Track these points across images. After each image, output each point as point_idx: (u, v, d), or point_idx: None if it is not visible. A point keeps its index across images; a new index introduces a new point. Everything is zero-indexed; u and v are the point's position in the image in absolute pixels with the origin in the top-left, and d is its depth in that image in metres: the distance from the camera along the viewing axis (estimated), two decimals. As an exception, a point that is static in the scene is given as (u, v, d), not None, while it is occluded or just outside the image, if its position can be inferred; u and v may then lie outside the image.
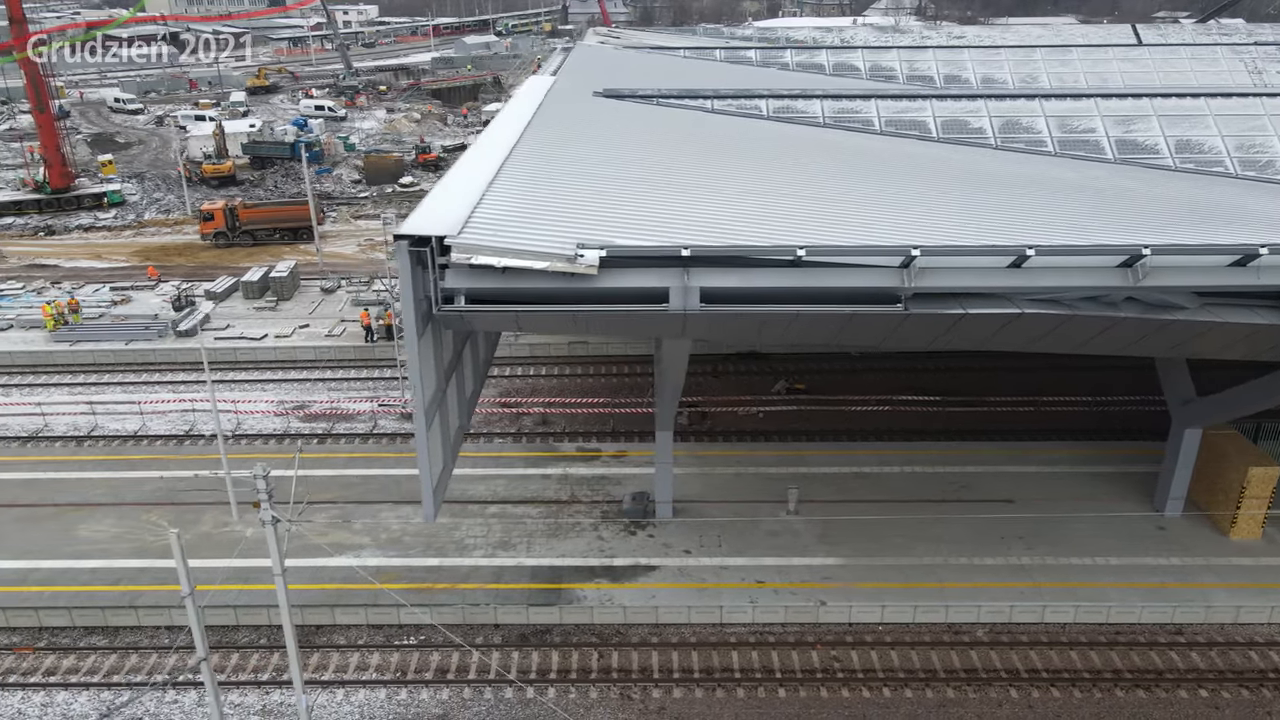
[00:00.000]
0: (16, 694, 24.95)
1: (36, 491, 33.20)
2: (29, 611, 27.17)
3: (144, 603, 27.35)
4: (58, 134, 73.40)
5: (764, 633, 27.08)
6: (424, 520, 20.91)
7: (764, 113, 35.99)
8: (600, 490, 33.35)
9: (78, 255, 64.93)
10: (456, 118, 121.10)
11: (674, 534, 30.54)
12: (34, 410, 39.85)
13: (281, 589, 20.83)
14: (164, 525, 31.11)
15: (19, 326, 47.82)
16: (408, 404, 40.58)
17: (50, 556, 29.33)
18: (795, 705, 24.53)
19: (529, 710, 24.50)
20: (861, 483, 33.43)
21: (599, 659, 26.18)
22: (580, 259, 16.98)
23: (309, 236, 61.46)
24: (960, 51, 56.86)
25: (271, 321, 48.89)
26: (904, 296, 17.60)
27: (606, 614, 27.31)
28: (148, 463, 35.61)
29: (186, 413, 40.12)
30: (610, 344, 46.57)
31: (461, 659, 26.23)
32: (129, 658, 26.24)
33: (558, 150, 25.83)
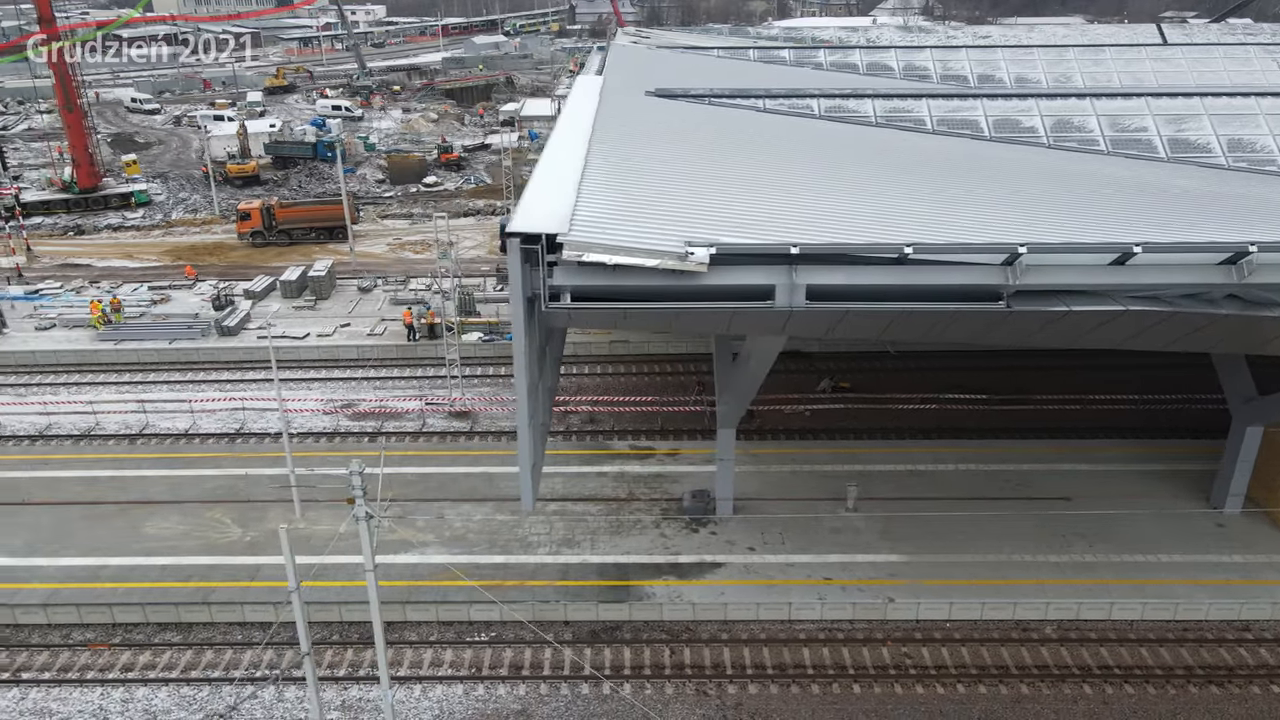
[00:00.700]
0: (95, 690, 25.11)
1: (98, 489, 33.38)
2: (102, 608, 27.34)
3: (216, 599, 27.51)
4: (86, 134, 73.54)
5: (832, 629, 27.24)
6: (524, 509, 20.99)
7: (816, 112, 36.13)
8: (658, 488, 33.51)
9: (109, 255, 65.13)
10: (473, 118, 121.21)
11: (736, 531, 30.69)
12: (86, 409, 40.05)
13: (373, 585, 21.08)
14: (228, 523, 31.44)
15: (62, 325, 48.02)
16: (455, 402, 40.81)
17: (119, 553, 29.50)
18: (870, 701, 24.69)
19: (606, 706, 24.66)
20: (918, 480, 33.57)
21: (671, 655, 26.33)
22: (690, 257, 17.14)
23: (343, 235, 61.67)
24: (993, 51, 56.88)
25: (312, 320, 49.06)
26: (1006, 294, 17.75)
27: (676, 611, 27.46)
28: (204, 461, 35.79)
29: (236, 411, 40.31)
30: (651, 342, 46.77)
31: (535, 655, 26.41)
32: (204, 653, 26.40)
33: (631, 149, 25.98)
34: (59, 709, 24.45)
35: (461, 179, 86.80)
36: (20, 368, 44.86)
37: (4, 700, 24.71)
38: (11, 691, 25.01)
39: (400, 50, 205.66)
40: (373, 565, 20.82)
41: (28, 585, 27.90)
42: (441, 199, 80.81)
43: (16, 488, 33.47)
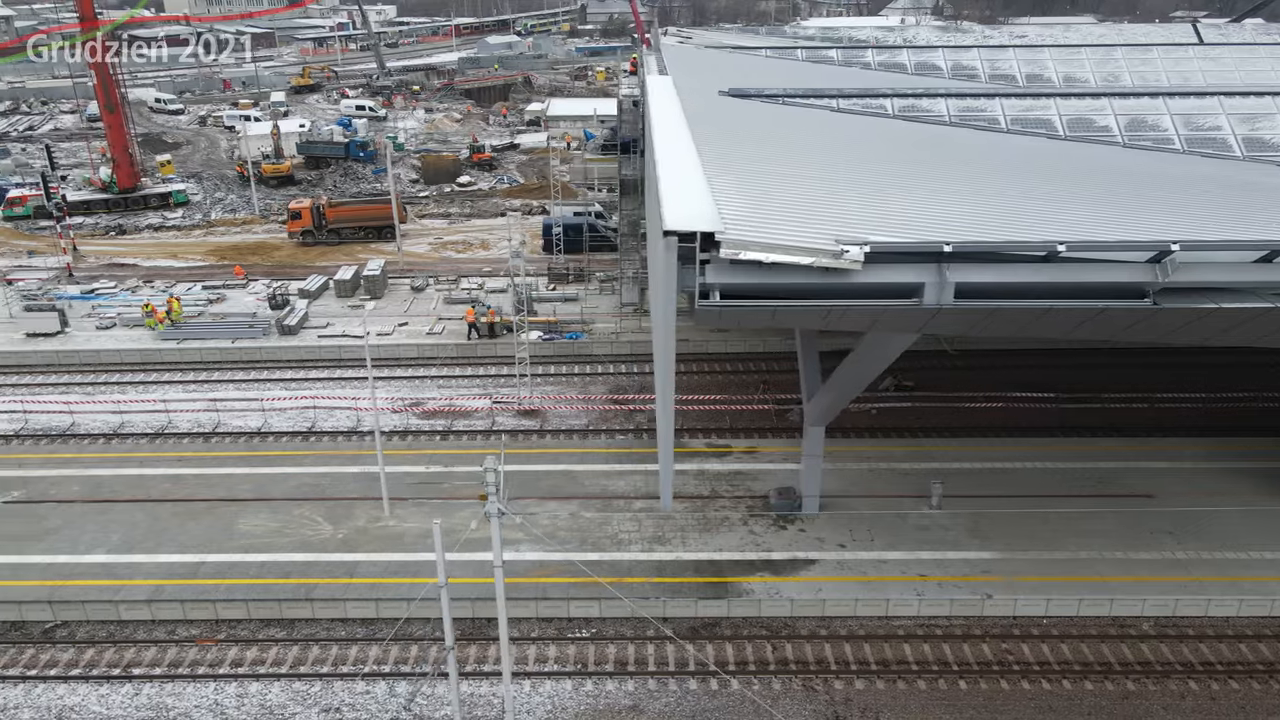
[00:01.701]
0: (209, 685, 25.32)
1: (185, 486, 33.60)
2: (206, 604, 27.56)
3: (319, 595, 27.72)
4: (126, 134, 73.80)
5: (930, 625, 27.40)
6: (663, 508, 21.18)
7: (890, 112, 36.31)
8: (740, 485, 33.69)
9: (154, 255, 65.42)
10: (497, 118, 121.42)
11: (824, 528, 30.88)
12: (158, 407, 40.30)
13: (500, 581, 21.23)
14: (318, 520, 31.66)
15: (122, 324, 48.28)
16: (523, 401, 41.01)
17: (216, 550, 29.73)
18: (978, 697, 24.86)
19: (716, 701, 24.85)
20: (997, 478, 33.71)
21: (773, 651, 26.54)
22: (845, 255, 17.32)
23: (390, 235, 61.93)
24: (1040, 50, 56.94)
25: (372, 319, 49.16)
26: (1152, 291, 17.93)
27: (774, 607, 27.64)
28: (284, 459, 36.00)
29: (305, 410, 40.51)
30: (710, 341, 46.94)
31: (638, 651, 26.62)
32: (310, 649, 26.62)
33: (736, 150, 26.18)
34: (175, 704, 24.67)
35: (494, 179, 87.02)
36: (85, 366, 45.12)
37: (119, 696, 24.93)
38: (125, 687, 25.22)
39: (414, 50, 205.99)
40: (500, 562, 20.97)
41: (131, 581, 28.13)
42: (476, 198, 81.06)
43: (100, 485, 33.70)
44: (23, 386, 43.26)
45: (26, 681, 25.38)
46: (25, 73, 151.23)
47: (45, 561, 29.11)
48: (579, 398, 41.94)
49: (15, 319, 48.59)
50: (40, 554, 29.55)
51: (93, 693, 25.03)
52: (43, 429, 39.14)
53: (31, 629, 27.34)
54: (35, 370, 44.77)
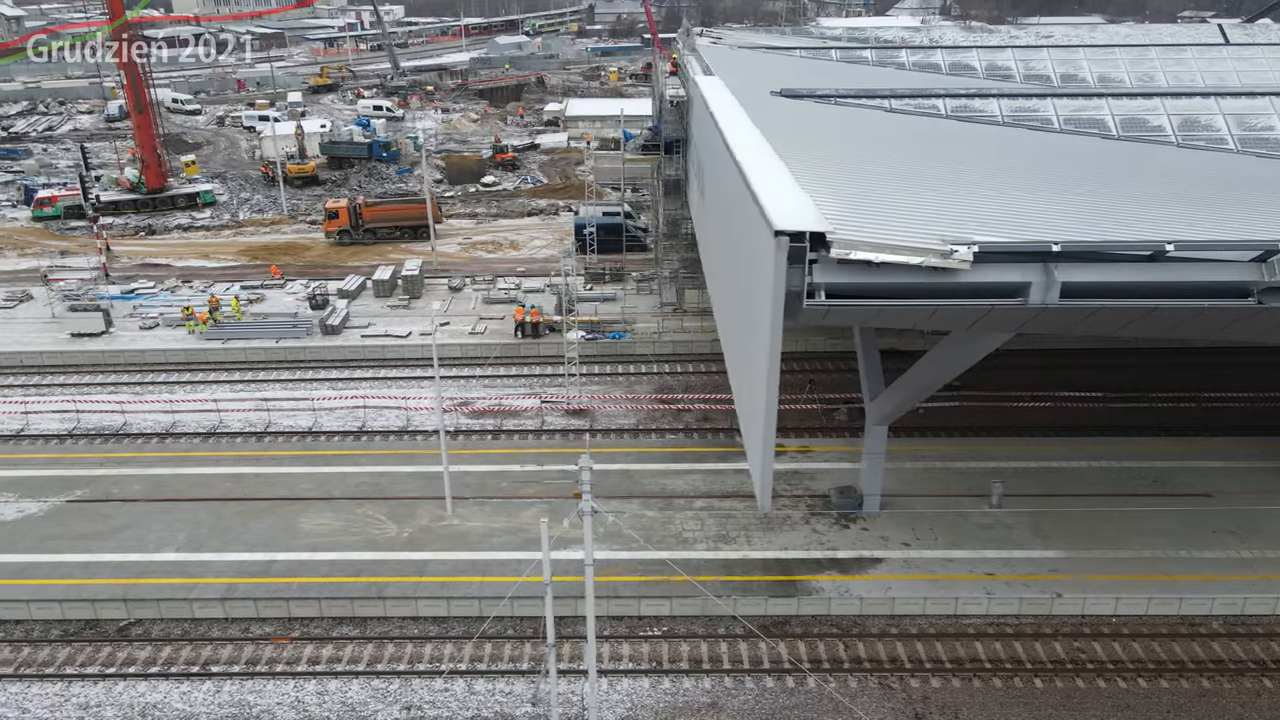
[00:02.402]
0: (289, 682, 25.46)
1: (245, 486, 33.74)
2: (279, 602, 27.70)
3: (390, 594, 27.86)
4: (154, 135, 73.99)
5: (1000, 624, 27.50)
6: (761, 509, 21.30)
7: (942, 112, 36.39)
8: (797, 484, 33.79)
9: (186, 255, 65.59)
10: (514, 118, 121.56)
11: (886, 527, 30.99)
12: (210, 406, 40.45)
13: (589, 580, 21.34)
14: (381, 519, 31.79)
15: (165, 324, 48.44)
16: (572, 400, 41.14)
17: (283, 549, 29.87)
18: (1055, 695, 24.97)
19: (794, 699, 24.98)
20: (1053, 477, 33.82)
21: (845, 649, 26.67)
22: (954, 254, 17.44)
23: (425, 235, 62.08)
24: (1074, 51, 57.03)
25: (410, 319, 49.43)
26: (1256, 290, 18.03)
27: (844, 605, 27.77)
28: (340, 458, 36.12)
29: (355, 409, 40.64)
30: (752, 341, 47.06)
31: (711, 649, 26.74)
32: (385, 647, 26.76)
33: (807, 149, 26.25)
34: (256, 701, 24.81)
35: (518, 178, 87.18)
36: (131, 366, 45.27)
37: (200, 694, 25.08)
38: (205, 685, 25.38)
39: (423, 50, 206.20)
40: (590, 560, 21.08)
41: (204, 580, 28.29)
42: (501, 199, 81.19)
43: (161, 484, 33.84)
44: (71, 386, 43.39)
45: (106, 679, 25.52)
46: (39, 73, 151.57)
47: (116, 560, 29.25)
48: (626, 397, 42.05)
49: (58, 319, 48.79)
50: (109, 552, 29.70)
51: (174, 690, 25.18)
52: (95, 428, 39.34)
53: (106, 627, 27.49)
54: (82, 370, 44.91)
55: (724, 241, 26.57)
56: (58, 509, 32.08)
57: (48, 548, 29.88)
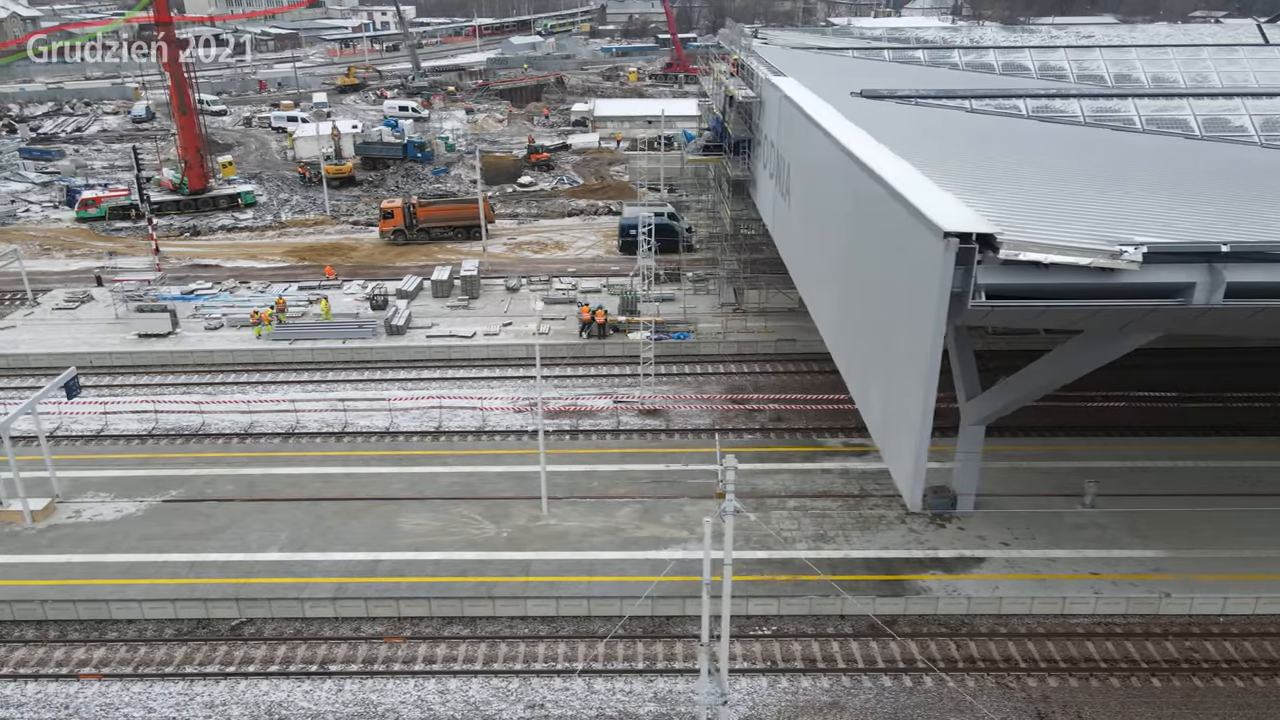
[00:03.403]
0: (409, 681, 25.57)
1: (337, 486, 33.85)
2: (389, 602, 27.83)
3: (499, 594, 27.98)
4: (198, 136, 74.14)
5: (1108, 623, 27.61)
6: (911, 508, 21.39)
7: (1024, 112, 36.50)
8: (887, 484, 33.80)
9: (233, 255, 65.73)
10: (539, 118, 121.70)
11: (982, 526, 31.09)
12: (285, 407, 40.60)
13: (727, 580, 21.42)
14: (478, 518, 31.90)
15: (229, 325, 48.58)
16: (645, 400, 41.25)
17: (385, 549, 29.98)
18: (1174, 695, 25.06)
19: (914, 698, 25.08)
20: (1141, 477, 33.88)
21: (957, 648, 26.77)
22: (1122, 255, 17.55)
23: (477, 235, 62.23)
24: (1126, 51, 57.12)
25: (472, 320, 49.56)
26: None
27: (951, 604, 27.87)
28: (426, 458, 36.22)
29: (430, 410, 40.75)
30: (818, 341, 47.00)
31: (823, 648, 26.85)
32: (498, 646, 26.88)
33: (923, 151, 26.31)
34: (380, 700, 24.93)
35: (554, 179, 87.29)
36: (200, 367, 45.44)
37: (322, 692, 25.21)
38: (326, 684, 25.51)
39: (438, 51, 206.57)
40: (729, 560, 21.17)
41: (315, 579, 28.42)
42: (539, 199, 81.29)
43: (253, 484, 33.97)
44: (143, 387, 43.56)
45: (228, 678, 25.66)
46: (57, 73, 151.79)
47: (222, 559, 29.40)
48: (698, 397, 42.16)
49: (121, 319, 48.96)
50: (214, 552, 29.83)
51: (296, 689, 25.32)
52: (175, 428, 39.50)
53: (218, 626, 27.62)
54: (151, 370, 45.07)
55: (840, 244, 26.64)
56: (155, 509, 32.20)
57: (152, 547, 30.01)
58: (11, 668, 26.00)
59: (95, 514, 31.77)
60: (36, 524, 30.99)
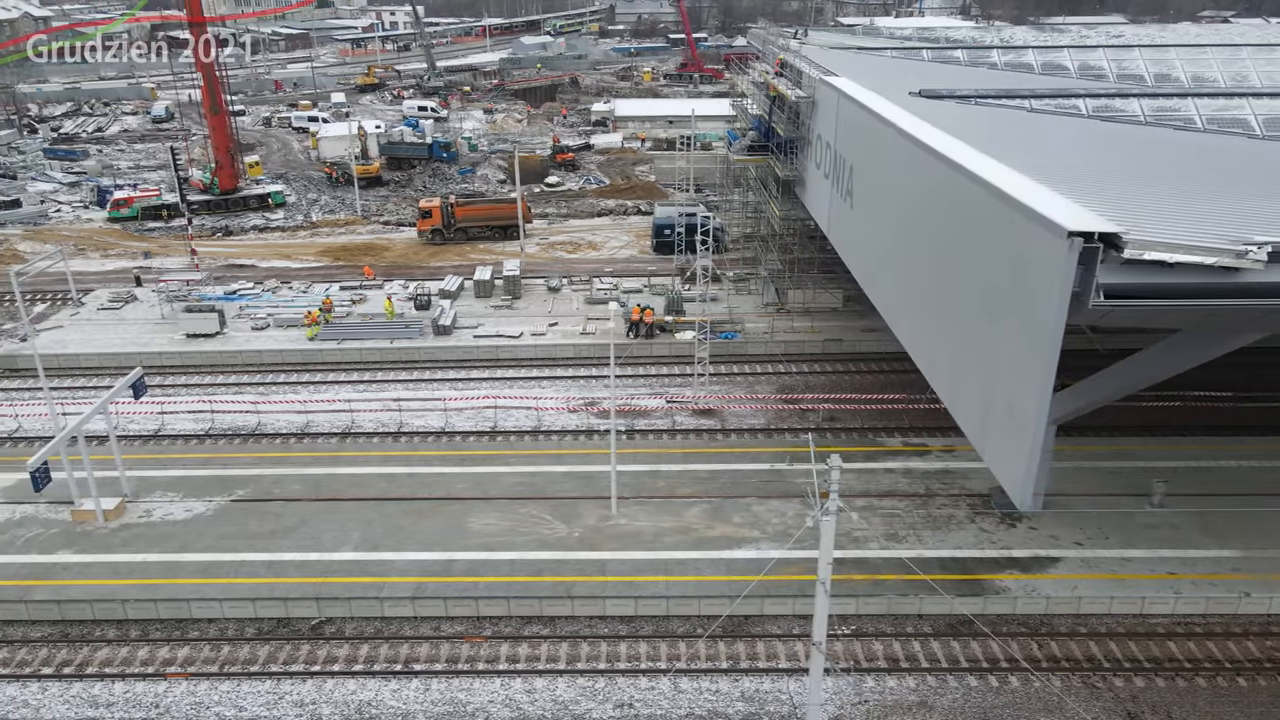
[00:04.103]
0: (495, 681, 25.60)
1: (401, 485, 33.86)
2: (468, 601, 27.85)
3: (578, 593, 28.00)
4: (229, 136, 74.20)
5: (1188, 623, 27.60)
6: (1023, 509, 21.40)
7: (1084, 112, 36.52)
8: (952, 483, 33.89)
9: (267, 255, 65.76)
10: (558, 118, 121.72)
11: (1052, 526, 31.09)
12: (341, 407, 40.62)
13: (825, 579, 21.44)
14: (548, 518, 31.91)
15: (275, 325, 48.62)
16: (699, 400, 41.25)
17: (458, 548, 29.97)
18: (1261, 694, 25.06)
19: (1001, 698, 25.09)
20: (1207, 477, 33.82)
21: (1039, 648, 26.78)
22: (1248, 254, 17.55)
23: (515, 235, 62.26)
24: (1165, 50, 57.06)
25: (517, 320, 49.56)
26: None
27: (1030, 604, 27.89)
28: (490, 458, 36.15)
29: (484, 410, 40.76)
30: (863, 341, 47.18)
31: (904, 647, 26.86)
32: (580, 646, 26.90)
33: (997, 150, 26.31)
34: (468, 700, 24.95)
35: (580, 179, 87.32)
36: (250, 367, 45.48)
37: (410, 691, 25.23)
38: (413, 683, 25.54)
39: (449, 50, 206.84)
40: (829, 560, 21.18)
41: (391, 579, 28.44)
42: (567, 199, 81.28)
43: (320, 484, 33.98)
44: (195, 386, 43.63)
45: (314, 677, 25.69)
46: (72, 73, 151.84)
47: (299, 559, 29.42)
48: (750, 397, 42.18)
49: (167, 319, 49.00)
50: (288, 551, 29.84)
51: (383, 687, 25.35)
52: (231, 428, 39.56)
53: (298, 625, 27.66)
54: (201, 370, 45.13)
55: (923, 245, 26.61)
56: (225, 508, 32.24)
57: (226, 546, 30.04)
58: (97, 667, 26.07)
59: (166, 513, 31.82)
60: (109, 523, 31.04)
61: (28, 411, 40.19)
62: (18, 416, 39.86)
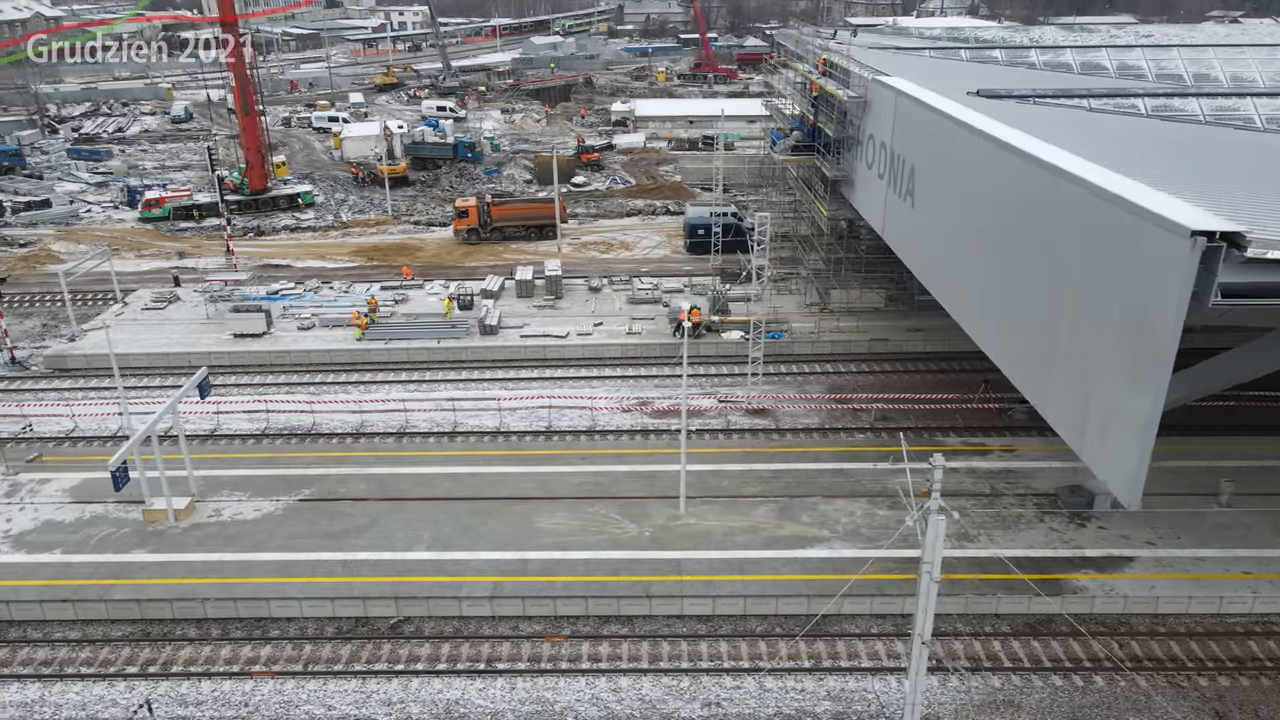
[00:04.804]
0: (580, 680, 25.62)
1: (465, 485, 33.83)
2: (546, 601, 27.88)
3: (656, 593, 28.02)
4: (260, 137, 74.25)
5: (1266, 622, 27.60)
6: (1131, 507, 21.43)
7: (1143, 111, 36.56)
8: (1017, 483, 33.89)
9: (302, 255, 65.84)
10: (576, 118, 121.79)
11: (1122, 525, 31.09)
12: (395, 407, 40.67)
13: (928, 577, 21.46)
14: (617, 517, 31.93)
15: (320, 325, 48.66)
16: (752, 400, 41.26)
17: (530, 548, 29.99)
18: (1347, 692, 25.13)
19: (1089, 697, 25.08)
20: (1272, 477, 33.80)
21: (1120, 647, 26.78)
22: (1369, 254, 17.56)
23: (551, 234, 62.31)
24: (1203, 50, 57.00)
25: (561, 320, 49.57)
26: None
27: (1108, 604, 27.89)
28: (551, 458, 36.22)
29: (538, 409, 40.80)
30: (909, 341, 47.21)
31: (984, 646, 26.87)
32: (660, 645, 26.91)
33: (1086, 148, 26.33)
34: (555, 699, 24.97)
35: (606, 179, 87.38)
36: (299, 366, 45.53)
37: (495, 690, 25.25)
38: (498, 682, 25.57)
39: (459, 51, 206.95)
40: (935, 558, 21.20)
41: (469, 578, 28.46)
42: (595, 199, 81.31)
43: (385, 484, 33.99)
44: (246, 386, 43.66)
45: (400, 676, 25.71)
46: (84, 74, 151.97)
47: (373, 558, 29.44)
48: (801, 396, 42.20)
49: (212, 319, 49.08)
50: (361, 551, 29.84)
51: (469, 686, 25.36)
52: (286, 428, 39.61)
53: (377, 624, 27.68)
54: (250, 370, 45.17)
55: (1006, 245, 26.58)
56: (293, 508, 32.26)
57: (299, 546, 30.06)
58: (181, 666, 26.11)
59: (235, 513, 31.85)
60: (180, 523, 31.09)
61: (84, 411, 40.25)
62: (74, 416, 39.93)
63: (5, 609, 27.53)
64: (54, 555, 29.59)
